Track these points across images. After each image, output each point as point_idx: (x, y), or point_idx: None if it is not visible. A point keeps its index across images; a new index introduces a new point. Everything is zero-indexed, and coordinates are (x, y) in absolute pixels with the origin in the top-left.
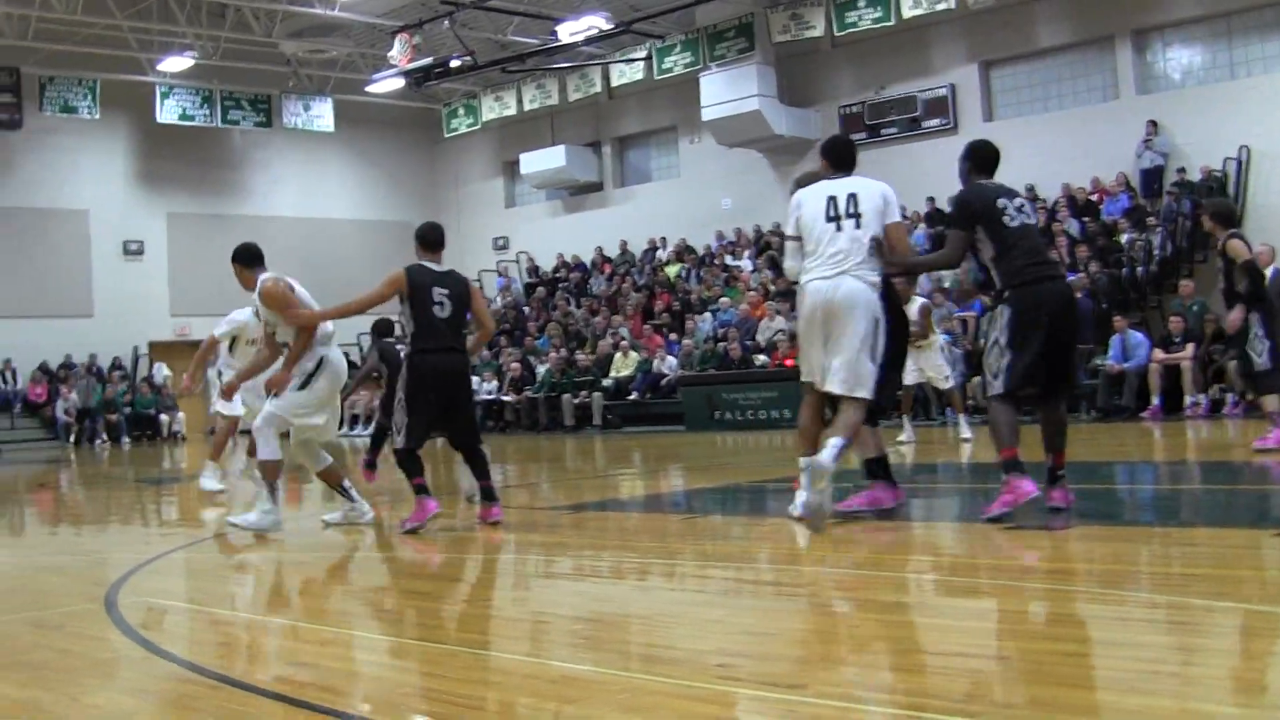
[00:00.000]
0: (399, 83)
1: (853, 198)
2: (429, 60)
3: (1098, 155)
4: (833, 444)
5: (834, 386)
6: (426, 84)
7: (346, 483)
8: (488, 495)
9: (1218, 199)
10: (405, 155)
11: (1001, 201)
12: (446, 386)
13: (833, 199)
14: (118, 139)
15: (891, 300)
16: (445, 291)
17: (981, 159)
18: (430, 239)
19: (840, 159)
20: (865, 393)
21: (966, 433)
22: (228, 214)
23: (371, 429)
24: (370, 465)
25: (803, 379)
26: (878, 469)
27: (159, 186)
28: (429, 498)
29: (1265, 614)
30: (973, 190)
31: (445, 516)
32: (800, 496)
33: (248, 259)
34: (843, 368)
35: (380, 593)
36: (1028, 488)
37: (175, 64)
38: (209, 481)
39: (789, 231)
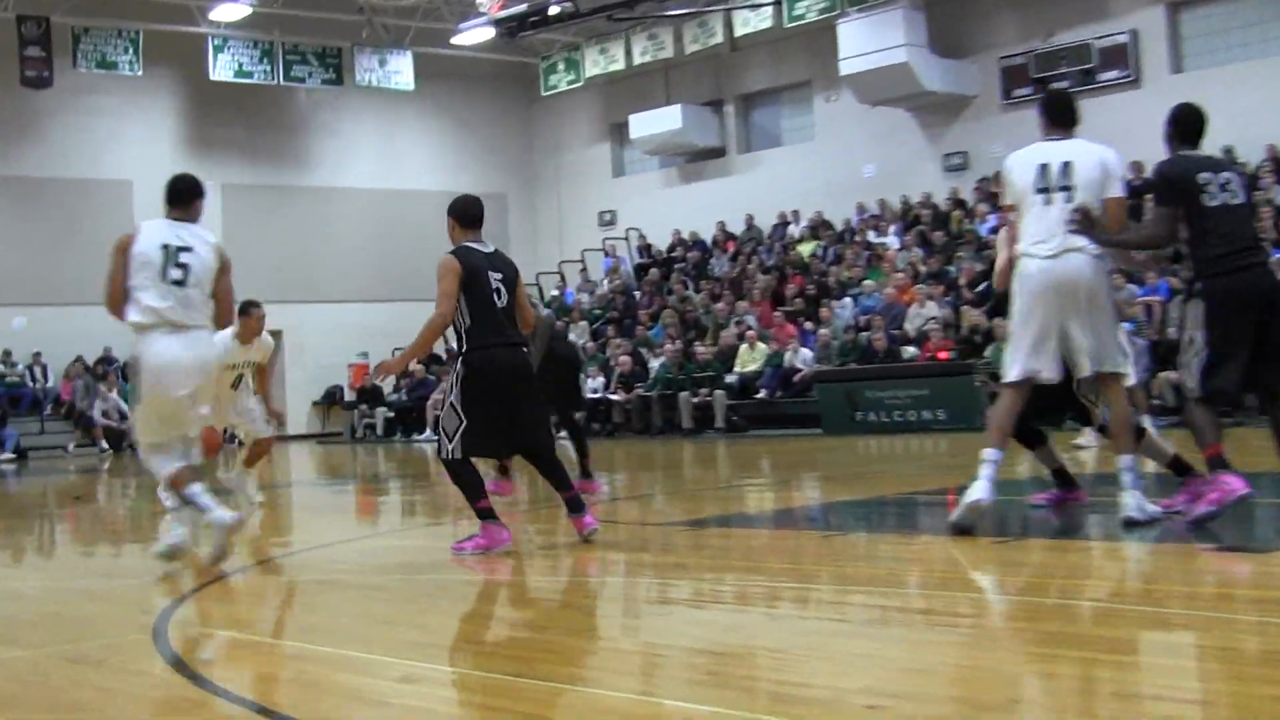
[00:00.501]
0: (489, 33)
1: (1067, 166)
2: (523, 7)
3: None
4: (1124, 468)
5: (1091, 369)
6: (521, 34)
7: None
8: (576, 506)
9: None
10: (496, 117)
11: (1204, 177)
12: (513, 387)
13: (1044, 167)
14: (164, 99)
15: None
16: (499, 276)
17: (1183, 126)
18: (471, 213)
19: (1057, 116)
20: (1127, 369)
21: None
22: (291, 185)
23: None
24: (504, 471)
25: (1007, 379)
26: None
27: (212, 154)
28: (500, 526)
29: None
30: (1172, 162)
31: (541, 531)
32: (970, 493)
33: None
34: (1097, 348)
35: (468, 620)
36: (1237, 485)
37: (230, 12)
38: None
39: (1005, 202)
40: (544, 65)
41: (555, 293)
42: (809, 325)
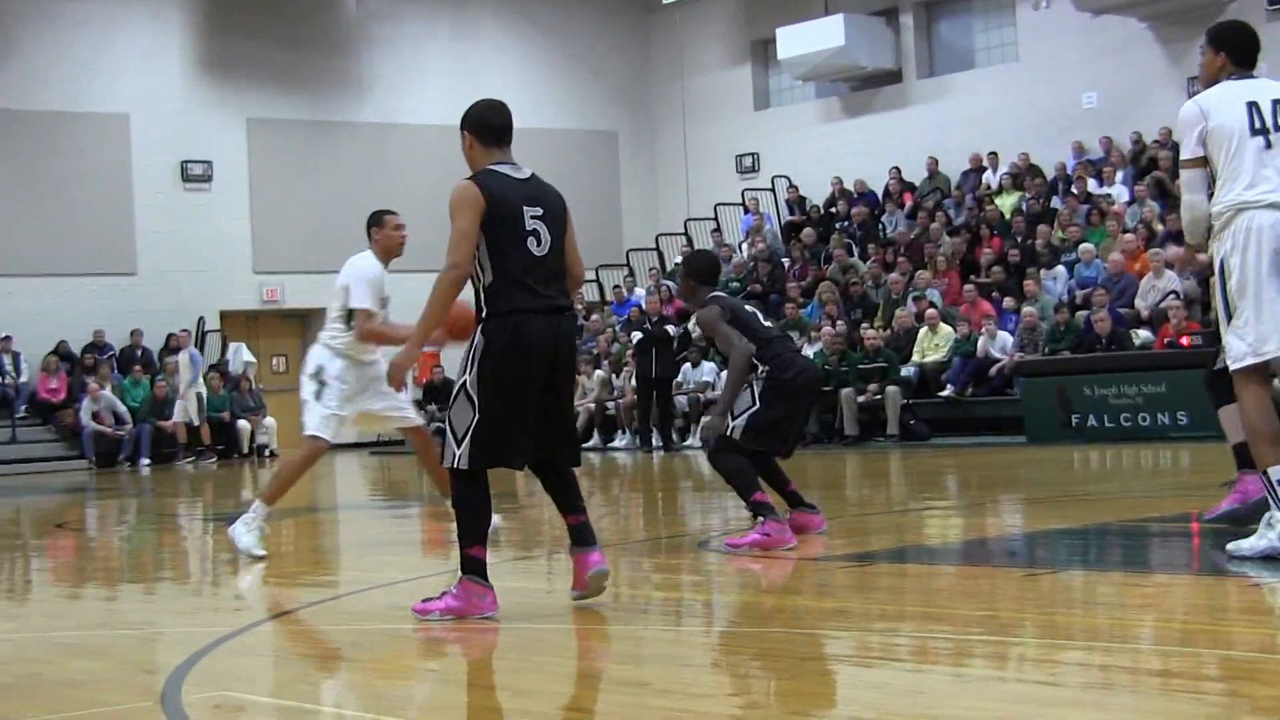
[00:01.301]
0: None
1: (1277, 105)
2: None
3: None
4: None
5: None
6: None
7: None
8: (583, 537)
9: None
10: (603, 32)
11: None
12: (549, 371)
13: (1254, 105)
14: (170, 8)
15: None
16: (538, 212)
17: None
18: (495, 124)
19: (1247, 53)
20: None
21: None
22: (338, 120)
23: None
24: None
25: (1238, 362)
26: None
27: (234, 80)
28: (486, 585)
29: None
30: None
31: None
32: (1256, 539)
33: None
34: None
35: (572, 682)
36: None
37: None
38: None
39: (1187, 154)
40: None
41: (679, 259)
42: (1010, 303)
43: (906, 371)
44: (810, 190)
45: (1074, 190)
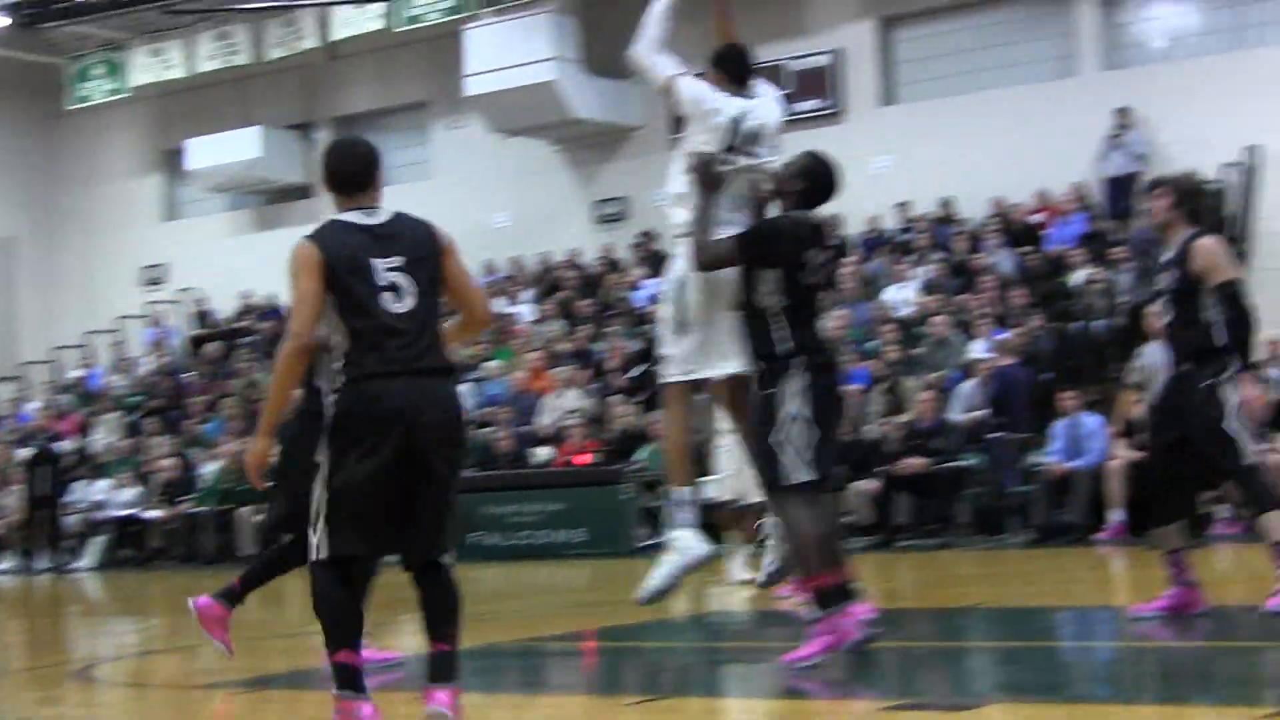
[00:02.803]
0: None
1: None
2: None
3: (1044, 157)
4: None
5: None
6: (41, 25)
7: None
8: (441, 670)
9: (1189, 176)
10: (4, 134)
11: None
12: (411, 440)
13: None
14: None
15: None
16: (395, 263)
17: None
18: (347, 170)
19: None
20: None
21: None
22: None
23: None
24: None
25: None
26: None
27: None
28: (363, 699)
29: None
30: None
31: None
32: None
33: None
34: None
35: None
36: None
37: None
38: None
39: None
40: (74, 68)
41: (79, 374)
42: None
43: None
44: (219, 303)
45: None
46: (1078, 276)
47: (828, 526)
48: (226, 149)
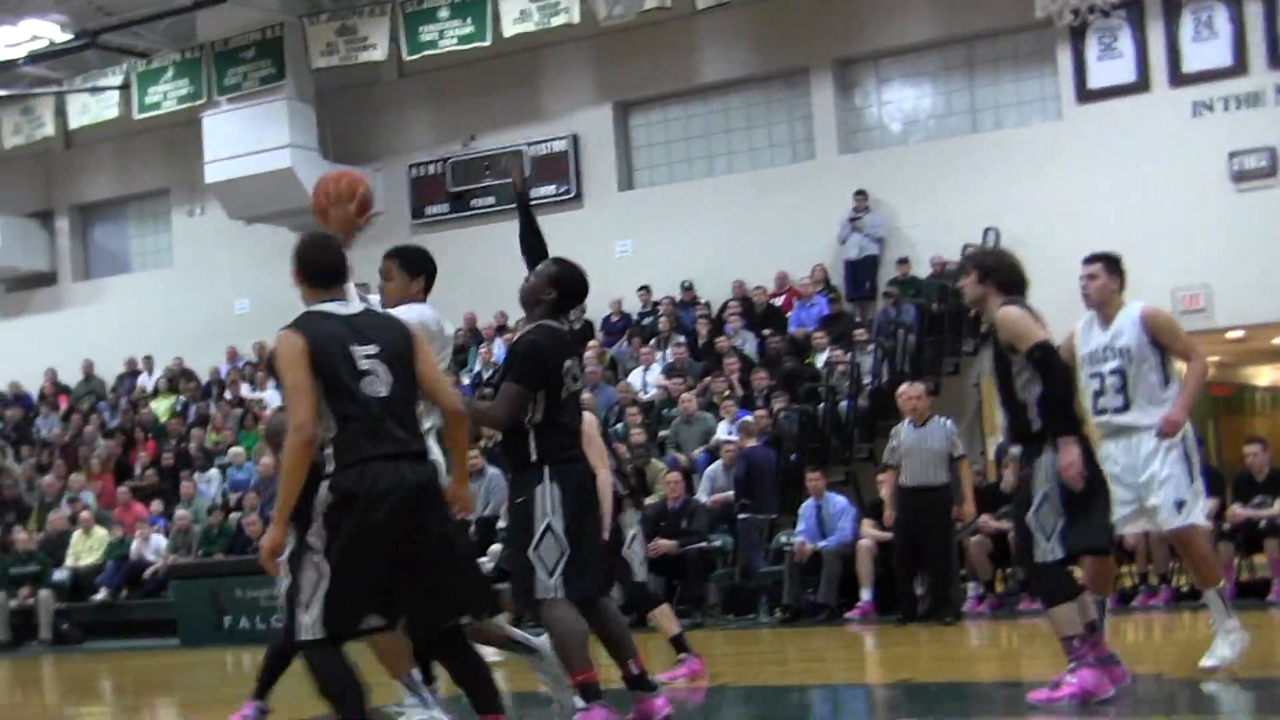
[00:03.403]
0: None
1: None
2: None
3: (784, 239)
4: None
5: None
6: None
7: None
8: None
9: (993, 249)
10: None
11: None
12: (406, 519)
13: None
14: None
15: None
16: (371, 351)
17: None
18: (328, 262)
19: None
20: None
21: None
22: None
23: None
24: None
25: None
26: None
27: None
28: None
29: None
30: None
31: None
32: None
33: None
34: None
35: None
36: None
37: None
38: None
39: None
40: None
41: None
42: (162, 506)
43: (60, 575)
44: None
45: (227, 395)
46: (822, 359)
47: (593, 628)
48: None
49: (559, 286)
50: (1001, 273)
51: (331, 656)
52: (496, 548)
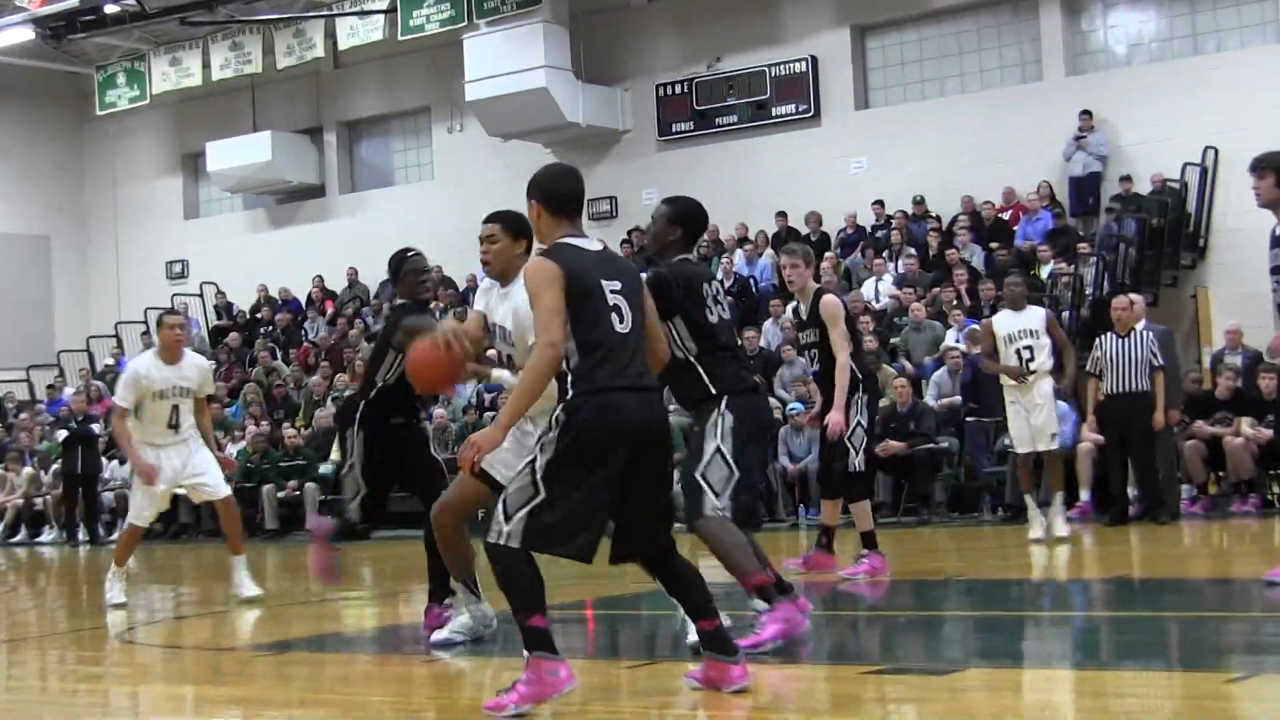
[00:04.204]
0: (27, 34)
1: None
2: (74, 2)
3: (1011, 157)
4: None
5: None
6: (70, 37)
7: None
8: (717, 643)
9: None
10: (38, 140)
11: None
12: (636, 450)
13: None
14: None
15: None
16: (618, 287)
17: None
18: (563, 192)
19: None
20: None
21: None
22: None
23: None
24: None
25: None
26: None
27: None
28: (558, 660)
29: None
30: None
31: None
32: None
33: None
34: None
35: None
36: None
37: None
38: None
39: None
40: (100, 77)
41: (110, 361)
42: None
43: (325, 469)
44: (237, 296)
45: None
46: (1046, 270)
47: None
48: (241, 152)
49: (682, 224)
50: None
51: (517, 557)
52: None
